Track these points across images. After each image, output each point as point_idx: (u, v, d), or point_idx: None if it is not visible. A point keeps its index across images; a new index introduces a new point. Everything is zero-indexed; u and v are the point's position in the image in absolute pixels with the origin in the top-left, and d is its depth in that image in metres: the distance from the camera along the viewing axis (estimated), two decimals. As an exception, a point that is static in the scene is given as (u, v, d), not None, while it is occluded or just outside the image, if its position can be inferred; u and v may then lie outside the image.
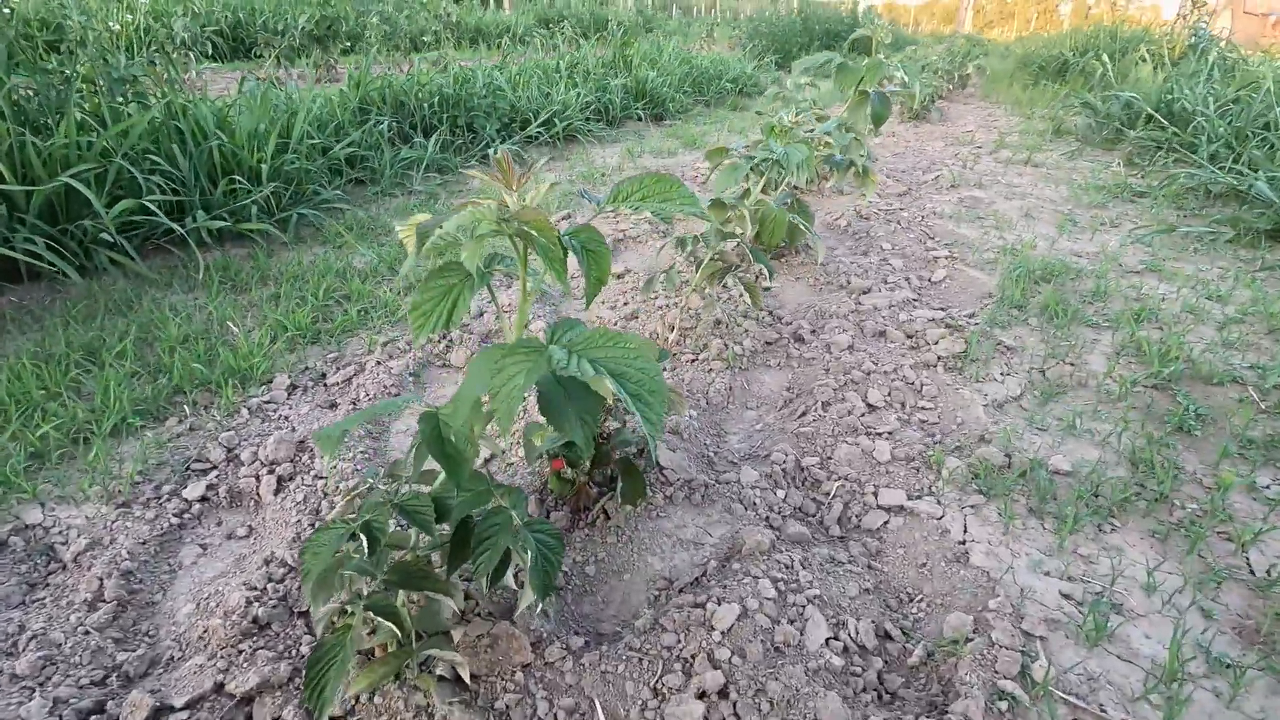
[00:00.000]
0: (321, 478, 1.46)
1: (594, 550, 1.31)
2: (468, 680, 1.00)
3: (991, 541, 1.30)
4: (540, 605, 1.11)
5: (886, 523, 1.38)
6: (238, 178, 2.86)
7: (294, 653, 1.08)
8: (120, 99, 2.90)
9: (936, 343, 2.02)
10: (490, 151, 4.26)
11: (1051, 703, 1.01)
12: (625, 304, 2.32)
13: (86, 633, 1.12)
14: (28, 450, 1.48)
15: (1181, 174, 3.96)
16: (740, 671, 1.01)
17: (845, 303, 2.29)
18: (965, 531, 1.32)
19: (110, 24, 3.57)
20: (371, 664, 0.95)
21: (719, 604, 1.12)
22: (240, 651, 1.07)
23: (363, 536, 0.82)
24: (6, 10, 2.85)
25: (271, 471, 1.48)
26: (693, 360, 1.98)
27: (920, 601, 1.21)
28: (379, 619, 0.87)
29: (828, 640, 1.09)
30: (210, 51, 6.91)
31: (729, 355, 1.96)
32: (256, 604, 1.14)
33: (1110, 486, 1.46)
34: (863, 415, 1.70)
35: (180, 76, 5.05)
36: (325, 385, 1.85)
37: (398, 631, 0.87)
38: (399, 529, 1.04)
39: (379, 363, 1.92)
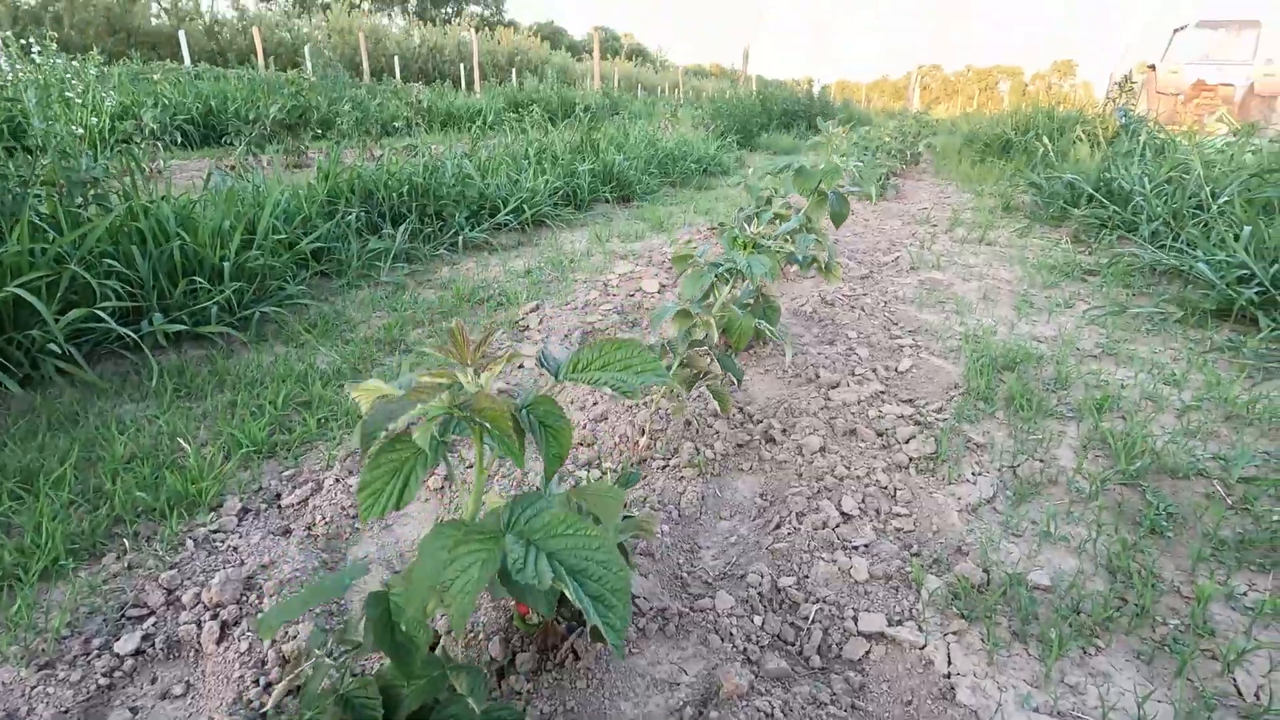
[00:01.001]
0: (269, 621, 1.36)
1: (562, 698, 1.23)
2: None
3: (977, 674, 1.25)
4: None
5: (868, 652, 1.33)
6: (198, 279, 2.81)
7: None
8: (81, 201, 2.86)
9: (907, 442, 2.02)
10: (459, 239, 4.30)
11: None
12: (595, 404, 2.29)
13: (-11, 833, 0.99)
14: (-56, 602, 1.36)
15: (1127, 253, 4.14)
16: None
17: (815, 399, 2.29)
18: (949, 663, 1.27)
19: (74, 128, 3.57)
20: None
21: (696, 767, 1.04)
22: None
23: (301, 744, 0.74)
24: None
25: (215, 616, 1.37)
26: (663, 467, 1.94)
27: (908, 746, 1.14)
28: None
29: (814, 804, 1.02)
30: (180, 140, 6.96)
31: (700, 461, 1.93)
32: (188, 787, 1.03)
33: (1091, 602, 1.43)
34: (838, 526, 1.67)
35: (149, 166, 5.05)
36: (279, 507, 1.76)
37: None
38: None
39: (338, 480, 1.84)
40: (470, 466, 1.97)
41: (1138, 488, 1.85)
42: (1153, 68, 11.39)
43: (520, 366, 2.62)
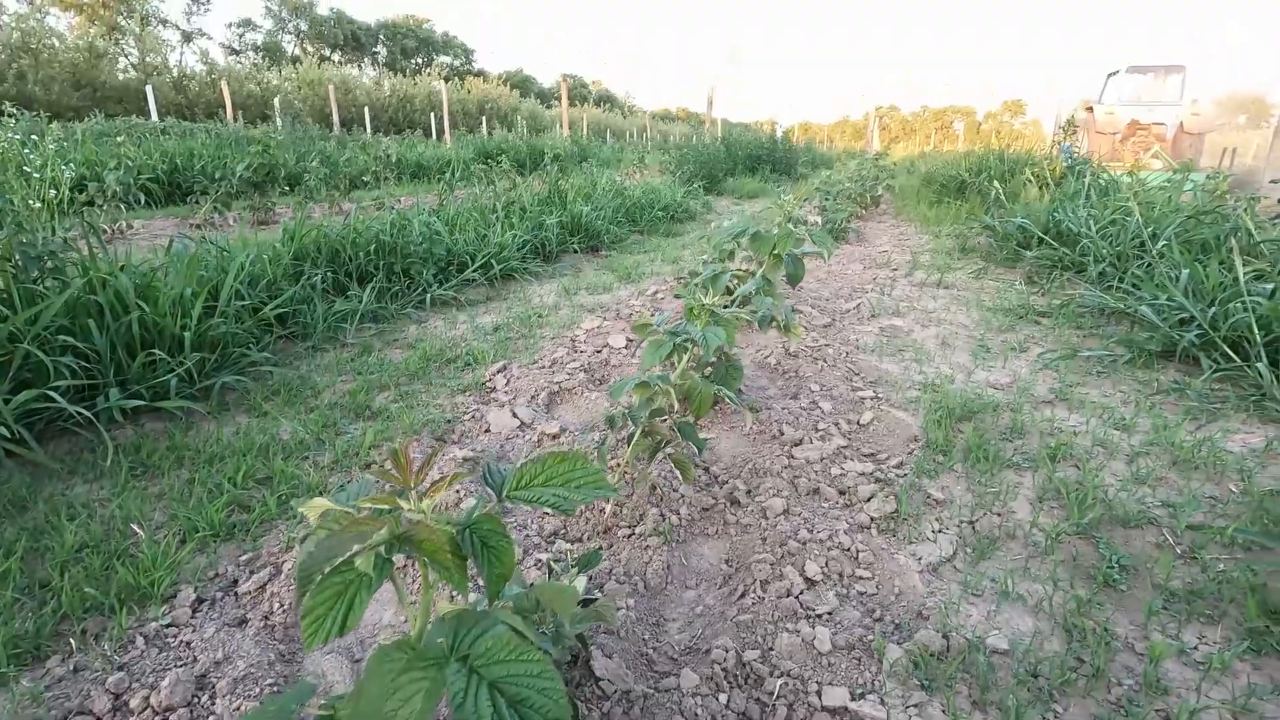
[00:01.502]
0: (222, 723, 1.32)
1: (525, 794, 1.20)
2: None
3: (938, 748, 1.26)
4: None
5: (832, 729, 1.33)
6: (157, 350, 2.77)
7: None
8: (36, 275, 2.82)
9: (869, 500, 2.05)
10: (427, 296, 4.31)
11: None
12: (561, 469, 2.29)
13: None
14: (-127, 719, 1.30)
15: (1077, 295, 4.30)
16: None
17: (779, 457, 2.32)
18: (911, 738, 1.28)
19: (32, 202, 3.55)
20: None
21: None
22: None
23: None
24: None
25: (164, 721, 1.33)
26: (629, 535, 1.94)
27: (873, 830, 1.14)
28: None
29: None
30: (144, 199, 6.92)
31: (665, 528, 1.93)
32: None
33: (1049, 664, 1.45)
34: (801, 593, 1.68)
35: (110, 228, 5.00)
36: (236, 594, 1.72)
37: None
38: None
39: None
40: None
41: (1091, 539, 1.90)
42: (1091, 109, 12.06)
43: (486, 431, 2.61)
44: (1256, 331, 3.04)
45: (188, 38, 38.87)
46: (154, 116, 15.49)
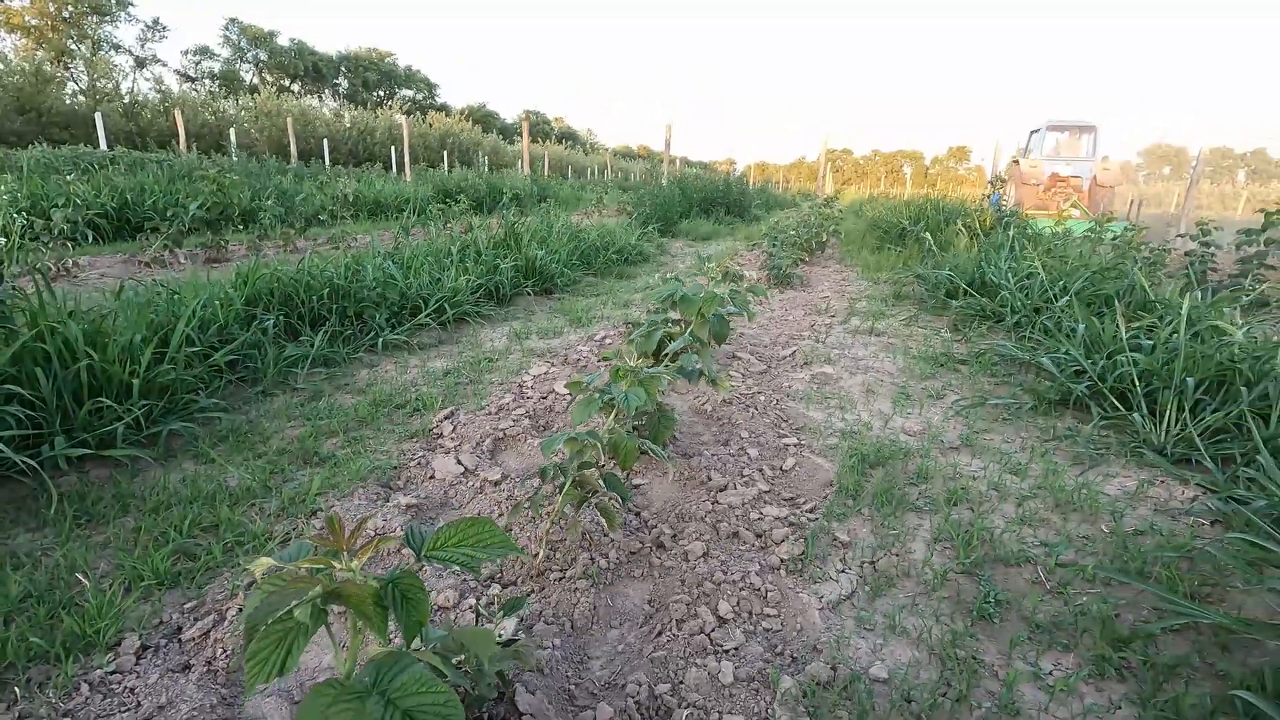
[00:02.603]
0: (164, 765, 1.42)
1: (448, 822, 1.33)
2: None
3: (816, 768, 1.44)
4: None
5: (729, 754, 1.49)
6: (105, 399, 2.82)
7: None
8: (-18, 323, 2.86)
9: (781, 543, 2.25)
10: (379, 340, 4.42)
11: None
12: (499, 514, 2.43)
13: None
14: None
15: (994, 344, 4.66)
16: None
17: (704, 502, 2.51)
18: (794, 760, 1.45)
19: (-19, 250, 3.57)
20: None
21: None
22: None
23: None
24: None
25: (108, 764, 1.42)
26: (560, 578, 2.09)
27: (755, 842, 1.30)
28: None
29: None
30: (91, 236, 6.85)
31: (594, 571, 2.09)
32: None
33: (920, 690, 1.65)
34: (712, 631, 1.85)
35: (55, 265, 4.98)
36: (180, 641, 1.81)
37: None
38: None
39: (241, 609, 1.90)
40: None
41: (975, 576, 2.13)
42: (1018, 161, 13.05)
43: (431, 477, 2.74)
44: (1137, 383, 3.38)
45: (141, 64, 38.31)
46: (103, 145, 15.24)
